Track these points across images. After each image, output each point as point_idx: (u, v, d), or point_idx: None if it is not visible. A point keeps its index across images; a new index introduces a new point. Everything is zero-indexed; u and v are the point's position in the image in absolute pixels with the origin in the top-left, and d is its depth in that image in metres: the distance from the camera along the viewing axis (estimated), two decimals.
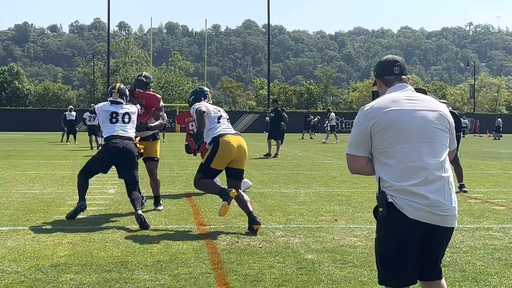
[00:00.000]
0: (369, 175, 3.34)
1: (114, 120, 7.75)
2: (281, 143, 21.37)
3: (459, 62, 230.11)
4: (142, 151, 7.91)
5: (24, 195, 9.60)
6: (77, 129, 28.38)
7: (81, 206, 7.40)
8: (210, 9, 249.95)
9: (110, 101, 7.96)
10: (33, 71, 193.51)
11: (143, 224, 6.91)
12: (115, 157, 7.57)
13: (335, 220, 7.67)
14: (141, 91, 8.50)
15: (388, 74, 3.34)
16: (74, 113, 27.82)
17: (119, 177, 7.84)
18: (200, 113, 7.14)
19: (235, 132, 7.35)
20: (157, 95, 8.72)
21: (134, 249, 5.89)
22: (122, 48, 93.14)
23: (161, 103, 8.60)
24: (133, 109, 8.03)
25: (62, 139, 29.41)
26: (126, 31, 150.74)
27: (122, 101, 7.94)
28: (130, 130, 7.77)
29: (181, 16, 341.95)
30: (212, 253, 5.79)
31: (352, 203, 9.12)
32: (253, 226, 6.77)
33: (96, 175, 8.10)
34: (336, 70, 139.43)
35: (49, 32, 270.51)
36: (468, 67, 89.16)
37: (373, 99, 3.34)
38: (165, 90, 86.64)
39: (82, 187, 7.59)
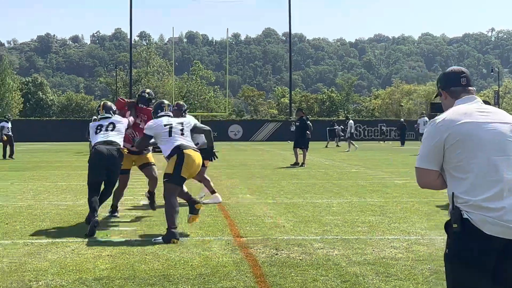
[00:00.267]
0: (439, 189, 3.27)
1: (98, 131, 8.25)
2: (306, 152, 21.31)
3: (481, 68, 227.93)
4: (125, 151, 8.20)
5: (58, 207, 9.66)
6: None
7: (94, 223, 7.39)
8: (230, 18, 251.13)
9: (99, 118, 8.53)
10: (56, 81, 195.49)
11: (92, 231, 7.22)
12: (101, 160, 7.90)
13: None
14: (144, 106, 9.08)
15: (455, 86, 3.29)
16: None
17: (106, 180, 8.14)
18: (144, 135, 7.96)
19: (193, 146, 7.69)
20: None
21: (174, 262, 5.87)
22: (144, 58, 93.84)
23: None
24: (119, 119, 8.50)
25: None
26: (147, 41, 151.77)
27: (109, 115, 8.44)
28: (112, 136, 8.15)
29: (201, 25, 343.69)
30: (253, 265, 5.75)
31: (387, 214, 9.03)
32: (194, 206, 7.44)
33: (128, 187, 8.25)
34: (358, 77, 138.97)
35: (71, 42, 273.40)
36: (492, 73, 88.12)
37: (431, 110, 3.28)
38: (187, 99, 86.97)
39: (91, 204, 7.75)
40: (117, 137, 8.21)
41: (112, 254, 6.18)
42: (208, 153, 8.93)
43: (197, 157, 7.55)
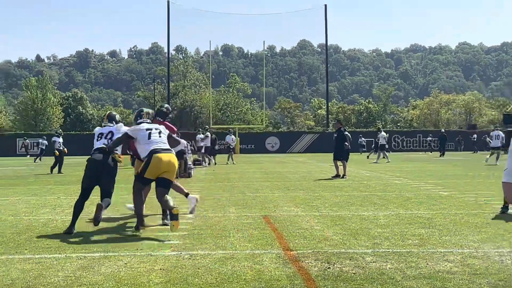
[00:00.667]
0: None
1: (99, 138, 9.05)
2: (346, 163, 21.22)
3: None
4: (120, 159, 8.83)
5: (106, 220, 9.74)
6: None
7: (69, 232, 8.34)
8: (265, 31, 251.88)
9: (102, 126, 9.33)
10: (94, 96, 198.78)
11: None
12: (95, 168, 8.70)
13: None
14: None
15: None
16: None
17: (100, 185, 8.79)
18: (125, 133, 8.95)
19: (167, 148, 8.77)
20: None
21: (227, 275, 5.85)
22: (181, 72, 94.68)
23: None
24: (119, 128, 9.18)
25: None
26: (183, 55, 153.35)
27: (111, 124, 9.28)
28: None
29: (236, 38, 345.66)
30: (306, 279, 5.69)
31: (436, 226, 8.88)
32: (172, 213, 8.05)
33: (173, 200, 8.33)
34: (394, 88, 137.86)
35: (108, 57, 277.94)
36: None
37: (504, 122, 3.21)
38: (224, 111, 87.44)
39: (75, 211, 8.57)
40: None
41: (165, 267, 6.20)
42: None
43: (167, 159, 8.52)
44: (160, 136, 8.82)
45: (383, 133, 35.21)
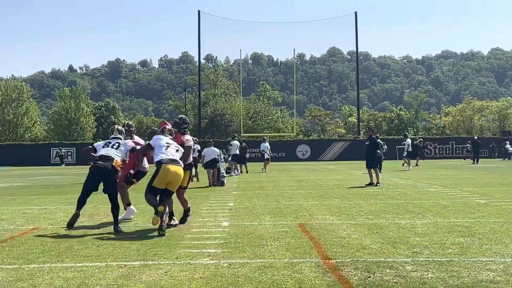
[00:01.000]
0: None
1: (105, 146, 10.15)
2: (380, 171, 21.11)
3: None
4: (119, 168, 9.92)
5: (144, 229, 9.83)
6: None
7: (76, 215, 9.85)
8: (294, 39, 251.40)
9: (111, 138, 10.45)
10: (125, 105, 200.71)
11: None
12: (98, 175, 9.76)
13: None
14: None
15: None
16: None
17: (103, 191, 9.89)
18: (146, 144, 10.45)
19: (176, 160, 9.59)
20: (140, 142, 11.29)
21: (267, 284, 5.85)
22: (212, 80, 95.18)
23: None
24: (127, 142, 10.49)
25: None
26: (213, 63, 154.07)
27: (120, 137, 10.49)
28: (113, 153, 9.97)
29: (266, 46, 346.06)
30: None
31: (476, 235, 8.76)
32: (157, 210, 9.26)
33: (207, 208, 8.50)
34: (426, 95, 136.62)
35: (139, 67, 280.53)
36: None
37: None
38: (254, 120, 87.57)
39: (79, 202, 9.86)
40: (116, 153, 9.98)
41: (205, 276, 6.23)
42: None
43: (174, 170, 9.41)
44: (176, 151, 9.80)
45: (408, 140, 34.99)
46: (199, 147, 24.64)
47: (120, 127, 10.77)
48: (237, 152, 29.09)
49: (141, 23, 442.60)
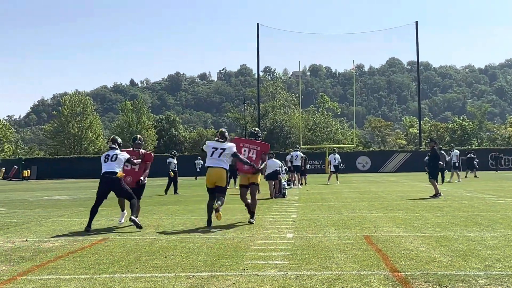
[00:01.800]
0: None
1: (106, 160, 11.70)
2: (442, 182, 20.70)
3: None
4: (121, 175, 11.60)
5: (208, 240, 9.89)
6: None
7: (87, 230, 11.28)
8: (352, 50, 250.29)
9: (108, 148, 12.04)
10: (185, 118, 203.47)
11: (137, 225, 11.35)
12: (106, 187, 11.53)
13: None
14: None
15: None
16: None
17: (117, 196, 12.23)
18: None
19: (217, 163, 11.52)
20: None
21: None
22: (270, 92, 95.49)
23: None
24: (122, 153, 11.90)
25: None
26: (272, 75, 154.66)
27: (115, 147, 11.88)
28: (114, 166, 11.55)
29: (324, 58, 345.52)
30: None
31: None
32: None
33: (270, 220, 8.58)
34: (490, 105, 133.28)
35: (199, 80, 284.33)
36: None
37: None
38: (313, 131, 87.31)
39: (91, 214, 11.49)
40: (116, 166, 11.53)
41: (273, 287, 6.21)
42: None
43: (213, 172, 11.50)
44: (219, 155, 11.55)
45: (455, 151, 34.31)
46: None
47: (116, 137, 12.23)
48: (299, 163, 29.11)
49: (200, 37, 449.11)
